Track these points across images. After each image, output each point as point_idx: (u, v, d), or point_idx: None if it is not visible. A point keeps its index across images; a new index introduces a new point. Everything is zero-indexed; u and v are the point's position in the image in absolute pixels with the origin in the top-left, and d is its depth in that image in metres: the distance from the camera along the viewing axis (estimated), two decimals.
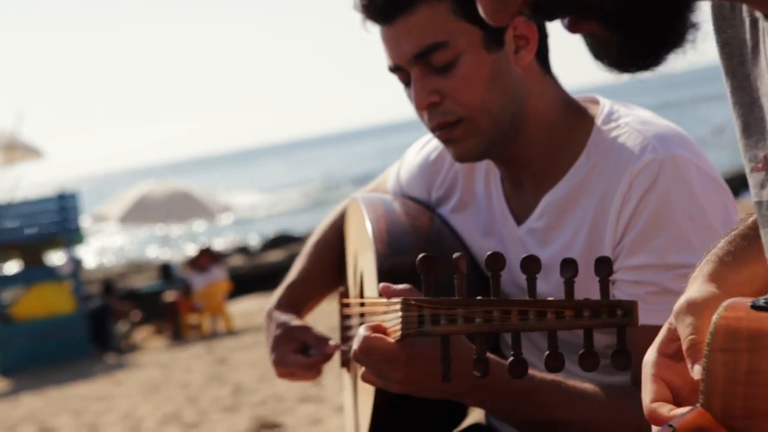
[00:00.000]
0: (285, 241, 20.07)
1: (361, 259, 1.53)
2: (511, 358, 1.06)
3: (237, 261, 18.81)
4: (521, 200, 1.46)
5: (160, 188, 13.95)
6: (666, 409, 0.80)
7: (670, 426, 0.72)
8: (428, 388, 1.21)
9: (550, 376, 1.28)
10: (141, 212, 13.59)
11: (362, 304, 1.45)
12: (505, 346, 1.51)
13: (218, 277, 12.09)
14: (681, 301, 0.89)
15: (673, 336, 0.87)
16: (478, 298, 1.07)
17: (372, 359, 1.18)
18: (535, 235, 1.43)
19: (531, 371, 1.26)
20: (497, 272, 1.06)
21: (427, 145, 1.60)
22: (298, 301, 1.63)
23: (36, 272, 11.36)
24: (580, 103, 1.44)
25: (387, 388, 1.23)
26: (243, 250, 22.09)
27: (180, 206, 13.63)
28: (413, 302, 1.10)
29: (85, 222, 12.17)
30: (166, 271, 14.36)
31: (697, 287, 0.91)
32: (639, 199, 1.33)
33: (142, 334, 12.57)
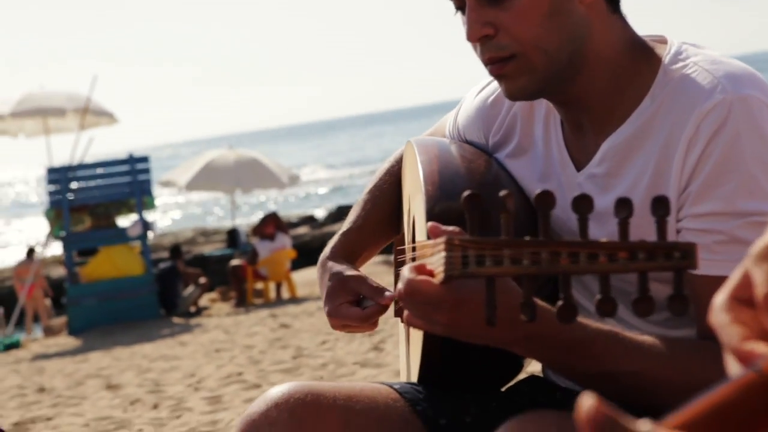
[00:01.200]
0: (349, 212, 20.05)
1: (413, 203, 1.48)
2: (560, 303, 1.00)
3: (303, 230, 18.94)
4: (581, 145, 1.39)
5: (229, 156, 14.06)
6: (759, 347, 0.68)
7: (756, 368, 0.62)
8: (475, 333, 1.15)
9: (607, 327, 1.21)
10: (208, 179, 13.72)
11: (414, 249, 1.40)
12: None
13: (284, 244, 12.16)
14: (760, 243, 0.81)
15: (747, 281, 0.79)
16: (526, 238, 1.02)
17: (416, 301, 1.13)
18: (595, 180, 1.36)
19: (585, 320, 1.20)
20: (547, 211, 1.00)
21: (486, 87, 1.54)
22: (353, 249, 1.58)
23: (105, 233, 11.54)
24: (648, 42, 1.36)
25: (432, 332, 1.17)
26: (309, 220, 22.21)
27: (248, 174, 13.73)
28: (457, 242, 1.04)
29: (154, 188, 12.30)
30: (233, 237, 14.50)
31: None
32: (707, 142, 1.24)
33: (209, 298, 12.73)
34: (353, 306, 1.48)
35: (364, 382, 1.43)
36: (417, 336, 1.39)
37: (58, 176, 11.42)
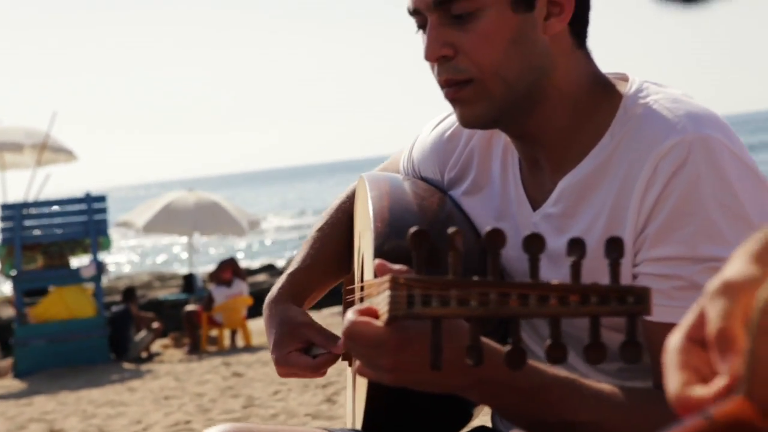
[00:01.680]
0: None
1: (363, 240, 1.43)
2: (509, 347, 0.95)
3: (262, 278, 18.77)
4: (538, 183, 1.35)
5: (188, 198, 13.93)
6: (700, 391, 0.65)
7: (707, 416, 0.59)
8: (422, 379, 1.09)
9: (564, 373, 1.16)
10: (166, 221, 13.56)
11: (362, 289, 1.35)
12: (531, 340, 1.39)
13: (241, 291, 12.01)
14: (716, 281, 0.77)
15: (703, 320, 0.74)
16: (474, 278, 0.97)
17: (358, 345, 1.07)
18: (551, 221, 1.31)
19: (542, 366, 1.15)
20: (496, 250, 0.96)
21: (443, 121, 1.50)
22: (301, 290, 1.52)
23: (58, 273, 11.31)
24: (610, 79, 1.32)
25: (380, 380, 1.11)
26: (269, 268, 22.04)
27: (207, 217, 13.59)
28: (402, 280, 0.99)
29: (110, 229, 12.11)
30: (189, 282, 14.31)
31: (737, 267, 0.79)
32: (665, 183, 1.20)
33: (161, 344, 12.51)
34: (302, 354, 1.42)
35: (302, 427, 1.36)
36: (362, 380, 1.33)
37: (12, 213, 11.20)
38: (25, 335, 10.92)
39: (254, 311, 13.01)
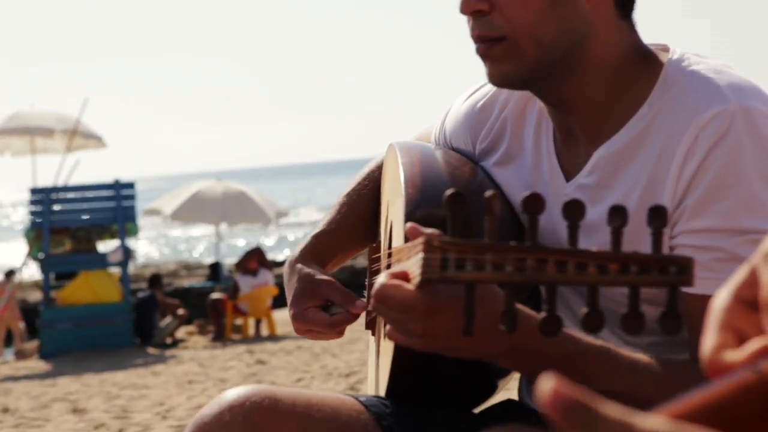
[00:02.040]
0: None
1: (392, 208, 1.41)
2: (543, 314, 0.93)
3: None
4: (572, 153, 1.32)
5: (216, 187, 13.97)
6: (733, 356, 0.62)
7: (757, 370, 0.56)
8: (453, 345, 1.06)
9: (599, 342, 1.13)
10: (193, 210, 13.61)
11: (390, 256, 1.32)
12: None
13: (266, 281, 12.03)
14: None
15: (754, 279, 0.70)
16: (511, 243, 0.94)
17: (388, 308, 1.04)
18: (585, 192, 1.29)
19: (577, 334, 1.12)
20: (535, 215, 0.93)
21: (476, 92, 1.47)
22: (325, 253, 1.50)
23: (85, 258, 11.38)
24: (650, 50, 1.29)
25: (409, 345, 1.08)
26: None
27: (234, 207, 13.63)
28: (437, 243, 0.97)
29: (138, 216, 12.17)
30: (215, 270, 14.36)
31: None
32: (705, 153, 1.17)
33: (186, 331, 12.56)
34: (320, 311, 1.40)
35: (327, 392, 1.34)
36: (388, 346, 1.30)
37: (41, 197, 11.28)
38: (52, 318, 11.00)
39: (279, 301, 13.04)
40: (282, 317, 12.81)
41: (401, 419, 1.31)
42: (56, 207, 11.37)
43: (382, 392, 1.36)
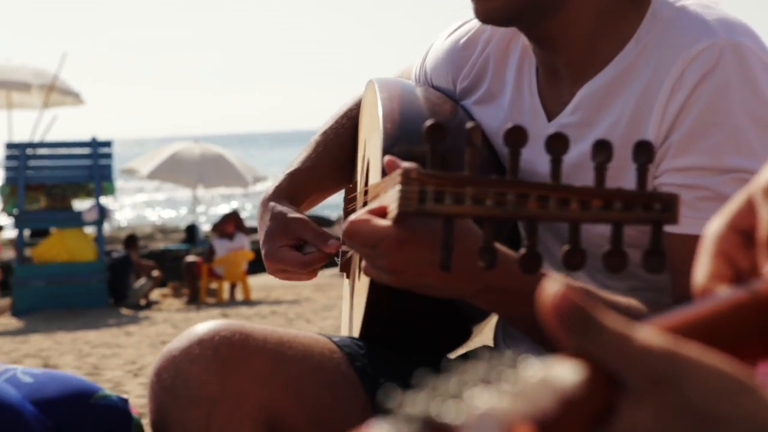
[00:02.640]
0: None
1: (369, 145, 1.37)
2: (523, 250, 0.90)
3: None
4: (555, 93, 1.29)
5: (194, 149, 13.89)
6: (726, 291, 0.58)
7: (751, 290, 0.54)
8: (427, 282, 1.04)
9: (578, 284, 1.11)
10: (171, 170, 13.54)
11: (366, 194, 1.29)
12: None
13: (242, 245, 11.99)
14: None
15: (750, 210, 0.68)
16: (492, 176, 0.92)
17: (357, 243, 1.02)
18: (567, 130, 1.23)
19: (556, 276, 1.10)
20: (517, 148, 0.90)
21: (458, 29, 1.44)
22: (300, 192, 1.47)
23: (60, 215, 11.28)
24: None
25: (381, 279, 1.05)
26: None
27: (212, 169, 13.57)
28: (414, 174, 0.94)
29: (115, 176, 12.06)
30: (191, 233, 14.30)
31: None
32: (692, 88, 1.14)
33: (160, 293, 12.51)
34: (293, 250, 1.37)
35: (300, 331, 1.31)
36: (363, 286, 1.28)
37: (17, 152, 11.15)
38: (25, 275, 10.92)
39: (255, 266, 13.01)
40: (257, 282, 12.78)
41: (374, 361, 1.29)
42: (32, 163, 11.24)
43: (356, 335, 1.34)
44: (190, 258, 12.23)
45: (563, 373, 0.46)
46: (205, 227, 16.41)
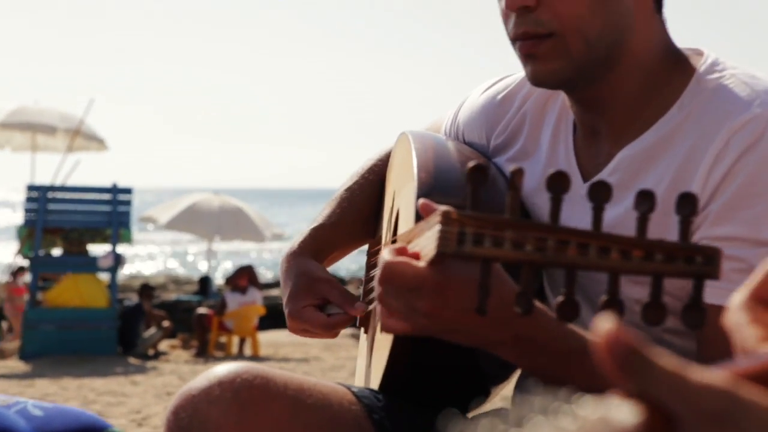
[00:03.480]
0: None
1: (400, 196, 1.36)
2: (561, 298, 0.89)
3: (277, 292, 18.75)
4: (593, 153, 1.28)
5: (213, 201, 13.94)
6: None
7: None
8: (459, 327, 1.02)
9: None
10: (189, 221, 13.56)
11: (394, 243, 1.29)
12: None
13: (254, 299, 11.96)
14: None
15: None
16: (533, 221, 0.91)
17: (395, 285, 1.00)
18: None
19: (581, 332, 1.08)
20: (559, 194, 0.90)
21: (495, 85, 1.44)
22: (323, 248, 1.46)
23: (76, 260, 11.29)
24: (684, 52, 1.26)
25: (411, 324, 1.04)
26: None
27: (230, 222, 13.59)
28: (455, 215, 0.93)
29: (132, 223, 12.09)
30: (204, 285, 14.27)
31: None
32: (736, 158, 1.13)
33: (169, 344, 12.45)
34: (317, 311, 1.36)
35: (319, 379, 1.29)
36: (385, 339, 1.26)
37: (37, 194, 11.21)
38: (36, 318, 10.89)
39: (265, 323, 12.95)
40: (266, 338, 12.71)
41: (392, 414, 1.27)
42: (51, 206, 11.29)
43: (375, 386, 1.32)
44: (202, 310, 12.20)
45: (622, 413, 0.46)
46: (219, 280, 16.42)
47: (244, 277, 12.02)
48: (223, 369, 1.20)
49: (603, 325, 0.49)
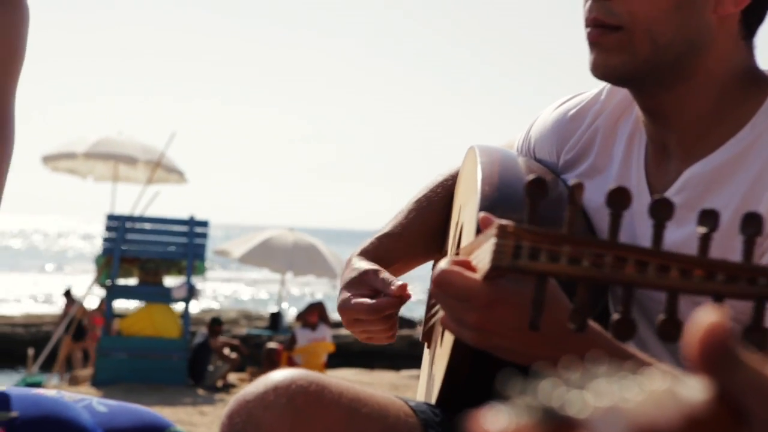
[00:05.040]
0: (401, 324, 19.90)
1: (465, 211, 1.35)
2: (617, 316, 0.87)
3: (347, 331, 18.80)
4: (662, 170, 1.26)
5: (288, 236, 14.07)
6: None
7: None
8: (509, 343, 1.01)
9: (664, 367, 1.07)
10: (262, 255, 13.69)
11: (457, 255, 1.28)
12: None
13: (324, 336, 11.98)
14: None
15: None
16: (591, 236, 0.89)
17: (446, 294, 0.99)
18: None
19: (636, 351, 1.06)
20: (619, 210, 0.88)
21: (568, 101, 1.43)
22: (385, 256, 1.45)
23: (150, 290, 11.48)
24: (764, 73, 1.24)
25: (461, 336, 1.03)
26: None
27: (302, 258, 13.68)
28: (511, 229, 0.92)
29: (208, 255, 12.26)
30: (275, 319, 14.38)
31: None
32: None
33: (238, 377, 12.53)
34: (363, 298, 1.35)
35: (375, 390, 1.28)
36: (444, 352, 1.25)
37: (117, 224, 11.46)
38: (110, 346, 11.08)
39: (334, 361, 12.96)
40: (334, 376, 12.69)
41: (448, 430, 1.25)
42: (129, 236, 11.51)
43: (433, 401, 1.30)
44: (272, 344, 12.26)
45: (691, 388, 0.44)
46: (290, 316, 16.52)
47: (314, 314, 12.06)
48: (278, 375, 1.20)
49: (705, 316, 0.48)
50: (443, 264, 1.01)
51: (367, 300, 1.35)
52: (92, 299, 12.83)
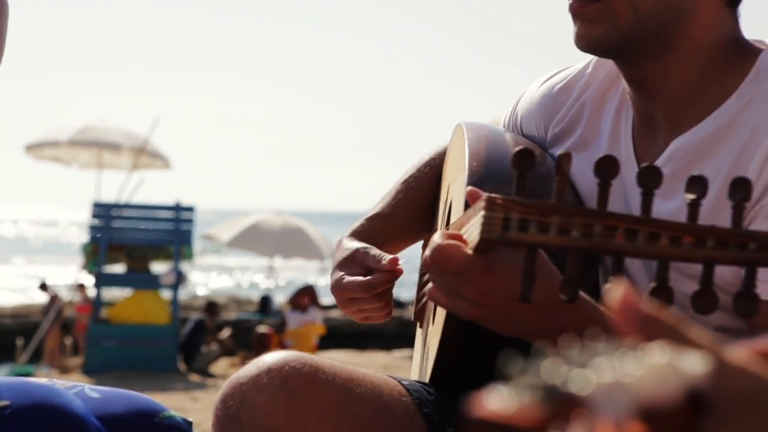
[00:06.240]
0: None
1: (453, 188, 1.35)
2: (608, 286, 0.87)
3: (337, 314, 18.79)
4: (649, 142, 1.26)
5: (275, 220, 14.05)
6: None
7: None
8: (503, 314, 1.01)
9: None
10: (250, 239, 13.68)
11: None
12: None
13: (315, 318, 11.98)
14: None
15: None
16: (580, 206, 0.89)
17: (441, 269, 0.99)
18: None
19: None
20: (608, 179, 0.88)
21: (554, 76, 1.42)
22: (376, 236, 1.45)
23: (138, 277, 11.46)
24: (749, 43, 1.23)
25: (456, 310, 1.02)
26: None
27: (290, 241, 13.67)
28: (500, 201, 0.91)
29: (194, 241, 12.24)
30: (264, 303, 14.37)
31: None
32: None
33: (230, 362, 12.53)
34: (354, 276, 1.34)
35: (369, 370, 1.28)
36: (437, 329, 1.25)
37: (102, 212, 11.41)
38: (99, 334, 11.06)
39: (326, 342, 12.97)
40: (326, 358, 12.69)
41: (442, 408, 1.25)
42: (116, 223, 11.47)
43: (426, 379, 1.30)
44: (262, 329, 12.26)
45: (691, 362, 0.44)
46: (279, 299, 16.52)
47: (305, 297, 12.05)
48: (271, 357, 1.19)
49: (614, 291, 0.47)
50: (437, 238, 1.00)
51: (360, 278, 1.34)
52: (74, 289, 12.77)
